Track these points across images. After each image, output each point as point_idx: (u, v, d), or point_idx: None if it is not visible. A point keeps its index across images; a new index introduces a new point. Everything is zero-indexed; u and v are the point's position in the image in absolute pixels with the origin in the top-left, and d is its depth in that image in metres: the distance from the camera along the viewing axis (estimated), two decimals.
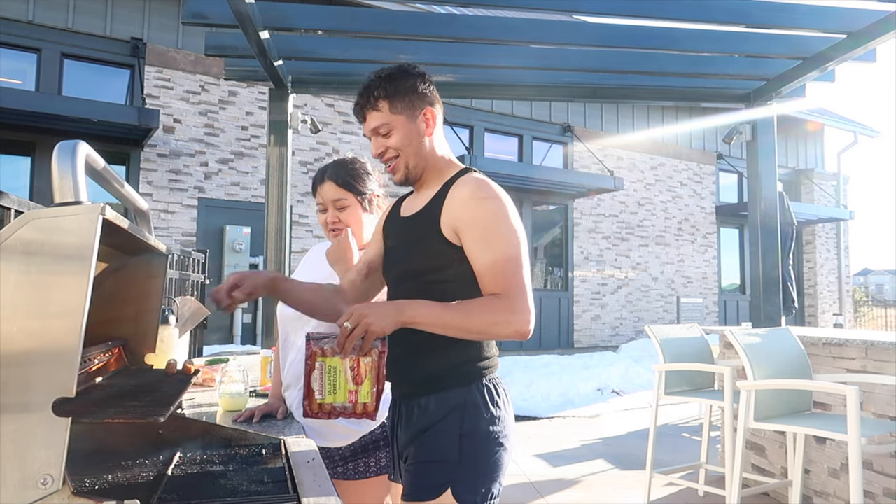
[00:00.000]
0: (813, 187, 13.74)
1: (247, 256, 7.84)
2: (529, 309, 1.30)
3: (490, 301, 1.31)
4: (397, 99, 1.44)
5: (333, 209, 1.86)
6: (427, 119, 1.47)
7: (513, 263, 1.32)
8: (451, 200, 1.39)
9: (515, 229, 1.36)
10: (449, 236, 1.37)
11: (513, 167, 9.69)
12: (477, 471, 1.34)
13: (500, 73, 4.09)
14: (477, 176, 1.43)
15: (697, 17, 3.20)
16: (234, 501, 1.05)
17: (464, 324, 1.29)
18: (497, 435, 1.37)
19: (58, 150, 0.97)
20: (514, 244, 1.34)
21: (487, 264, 1.33)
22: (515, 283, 1.31)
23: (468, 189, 1.38)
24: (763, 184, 3.93)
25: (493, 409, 1.37)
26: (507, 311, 1.29)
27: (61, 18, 7.17)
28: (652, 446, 3.67)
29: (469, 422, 1.35)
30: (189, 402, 1.94)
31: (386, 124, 1.44)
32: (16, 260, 0.86)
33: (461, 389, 1.37)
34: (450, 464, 1.33)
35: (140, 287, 1.46)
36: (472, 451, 1.34)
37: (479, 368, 1.40)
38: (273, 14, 3.19)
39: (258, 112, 8.17)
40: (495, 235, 1.34)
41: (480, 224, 1.34)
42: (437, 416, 1.37)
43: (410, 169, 1.47)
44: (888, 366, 3.12)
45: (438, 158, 1.49)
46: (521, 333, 1.30)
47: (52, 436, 0.84)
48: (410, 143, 1.45)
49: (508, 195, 1.42)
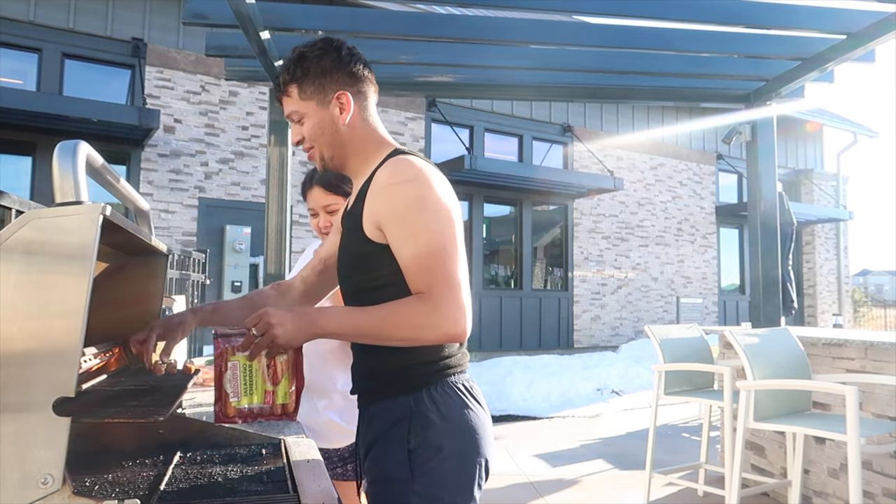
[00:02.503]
0: (812, 188, 13.74)
1: (247, 256, 7.84)
2: (459, 307, 1.13)
3: (410, 303, 1.14)
4: (307, 83, 1.28)
5: (324, 213, 1.86)
6: (341, 104, 1.29)
7: (436, 257, 1.14)
8: (372, 190, 1.22)
9: (441, 215, 1.17)
10: (372, 234, 1.21)
11: (513, 167, 9.70)
12: (438, 489, 1.17)
13: (500, 74, 4.09)
14: (398, 158, 1.25)
15: (697, 17, 3.20)
16: (233, 501, 1.06)
17: (382, 332, 1.14)
18: (456, 447, 1.18)
19: (58, 150, 0.97)
20: (437, 233, 1.16)
21: (408, 260, 1.16)
22: (440, 279, 1.13)
23: (383, 175, 1.22)
24: (763, 184, 3.93)
25: (450, 417, 1.19)
26: (429, 314, 1.12)
27: (62, 19, 7.17)
28: (651, 446, 3.67)
29: (417, 436, 1.17)
30: (189, 402, 1.94)
31: (296, 111, 1.30)
32: (16, 260, 0.86)
33: (406, 397, 1.20)
34: (404, 484, 1.16)
35: (140, 287, 1.46)
36: (427, 469, 1.16)
37: (430, 371, 1.21)
38: (273, 14, 3.19)
39: (258, 112, 8.17)
40: (414, 226, 1.16)
41: (397, 214, 1.17)
42: (383, 428, 1.21)
43: (327, 160, 1.33)
44: (887, 366, 3.12)
45: (363, 145, 1.31)
46: (451, 336, 1.13)
47: (53, 435, 0.84)
48: (323, 132, 1.29)
49: (439, 172, 1.25)
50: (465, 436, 1.20)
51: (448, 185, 1.25)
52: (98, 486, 1.10)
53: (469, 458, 1.20)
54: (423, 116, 9.49)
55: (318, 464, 1.28)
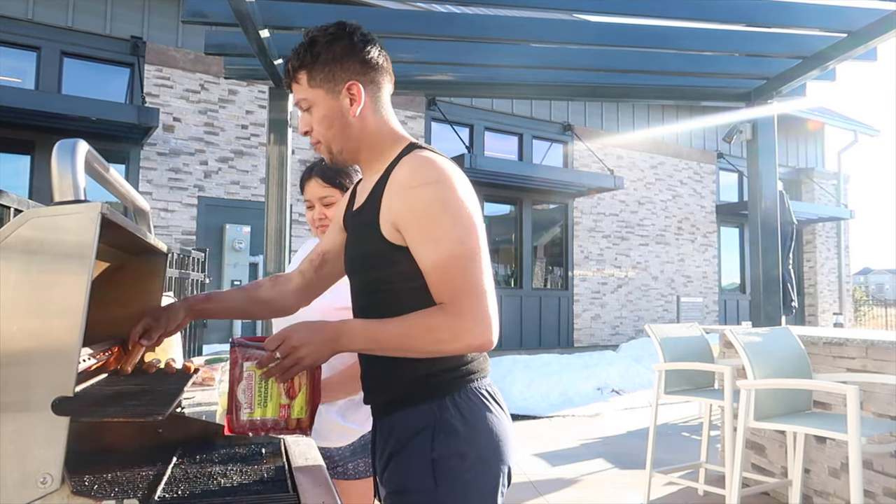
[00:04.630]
0: (813, 186, 13.74)
1: (246, 255, 7.84)
2: (483, 317, 1.08)
3: (431, 315, 1.10)
4: (316, 69, 1.20)
5: (320, 206, 1.85)
6: (352, 95, 1.20)
7: (460, 263, 1.09)
8: (390, 189, 1.16)
9: (463, 220, 1.11)
10: (391, 237, 1.15)
11: (513, 166, 9.70)
12: (461, 498, 1.13)
13: (500, 72, 4.09)
14: (418, 155, 1.17)
15: (698, 16, 3.19)
16: (233, 500, 1.05)
17: (404, 346, 1.10)
18: (480, 454, 1.15)
19: (57, 149, 0.97)
20: (461, 239, 1.10)
21: (430, 267, 1.11)
22: (463, 288, 1.08)
23: (403, 175, 1.15)
24: (763, 183, 3.93)
25: (474, 424, 1.15)
26: (451, 326, 1.08)
27: (61, 17, 7.17)
28: (652, 445, 3.67)
29: (441, 444, 1.13)
30: (189, 401, 1.94)
31: (305, 99, 1.23)
32: (15, 259, 0.86)
33: (429, 405, 1.15)
34: (427, 494, 1.12)
35: (140, 286, 1.46)
36: (451, 477, 1.12)
37: (453, 378, 1.17)
38: (273, 13, 3.18)
39: (258, 111, 8.16)
40: (437, 230, 1.10)
41: (418, 218, 1.11)
42: (404, 438, 1.16)
43: (335, 154, 1.25)
44: (888, 365, 3.12)
45: (375, 139, 1.24)
46: (475, 347, 1.09)
47: (52, 435, 0.84)
48: (331, 124, 1.21)
49: (460, 172, 1.18)
50: (488, 442, 1.16)
51: (469, 184, 1.19)
52: (97, 486, 1.09)
53: (492, 465, 1.16)
54: (423, 115, 9.49)
55: (317, 463, 1.28)
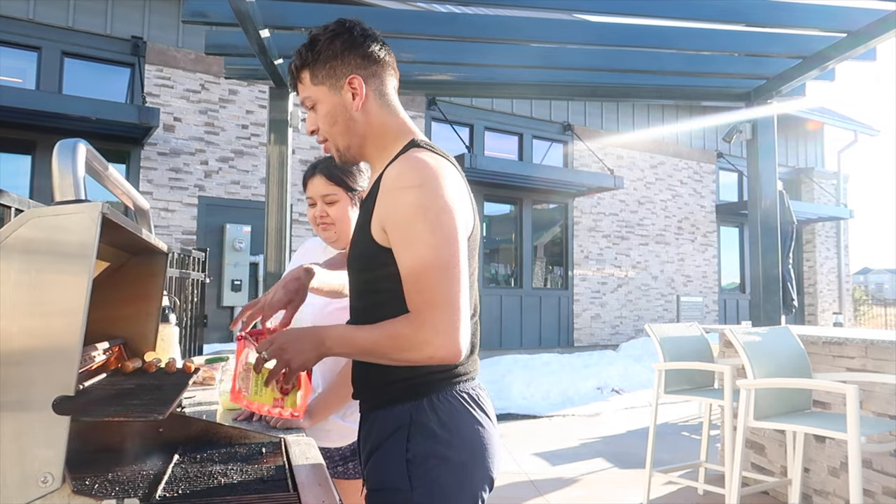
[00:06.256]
0: (813, 186, 13.74)
1: (247, 255, 7.84)
2: (450, 329, 1.04)
3: (397, 324, 1.07)
4: (318, 67, 1.21)
5: (322, 204, 1.85)
6: (353, 89, 1.20)
7: (430, 274, 1.05)
8: (381, 189, 1.14)
9: (441, 228, 1.07)
10: (379, 238, 1.14)
11: (513, 166, 9.70)
12: (437, 501, 1.12)
13: (500, 72, 4.09)
14: (410, 156, 1.15)
15: (697, 16, 3.19)
16: (234, 500, 1.06)
17: (375, 353, 1.09)
18: (457, 458, 1.13)
19: (58, 149, 0.97)
20: (436, 247, 1.06)
21: (404, 274, 1.09)
22: (430, 300, 1.05)
23: (390, 177, 1.13)
24: (763, 182, 3.93)
25: (451, 427, 1.13)
26: (413, 337, 1.05)
27: (62, 17, 7.17)
28: (652, 445, 3.67)
29: (416, 444, 1.12)
30: (189, 401, 1.94)
31: (309, 97, 1.24)
32: (16, 258, 0.86)
33: (406, 406, 1.14)
34: (403, 494, 1.11)
35: (140, 286, 1.46)
36: (428, 480, 1.11)
37: (432, 380, 1.15)
38: (273, 12, 3.18)
39: (258, 111, 8.16)
40: (413, 237, 1.07)
41: (396, 221, 1.10)
42: (381, 437, 1.16)
43: (343, 151, 1.25)
44: (888, 364, 3.12)
45: (380, 133, 1.23)
46: (438, 359, 1.05)
47: (52, 434, 0.84)
48: (336, 120, 1.22)
49: (455, 174, 1.16)
50: (467, 447, 1.15)
51: (462, 187, 1.17)
52: (98, 485, 1.09)
53: (473, 472, 1.14)
54: (424, 115, 9.49)
55: (318, 463, 1.28)
